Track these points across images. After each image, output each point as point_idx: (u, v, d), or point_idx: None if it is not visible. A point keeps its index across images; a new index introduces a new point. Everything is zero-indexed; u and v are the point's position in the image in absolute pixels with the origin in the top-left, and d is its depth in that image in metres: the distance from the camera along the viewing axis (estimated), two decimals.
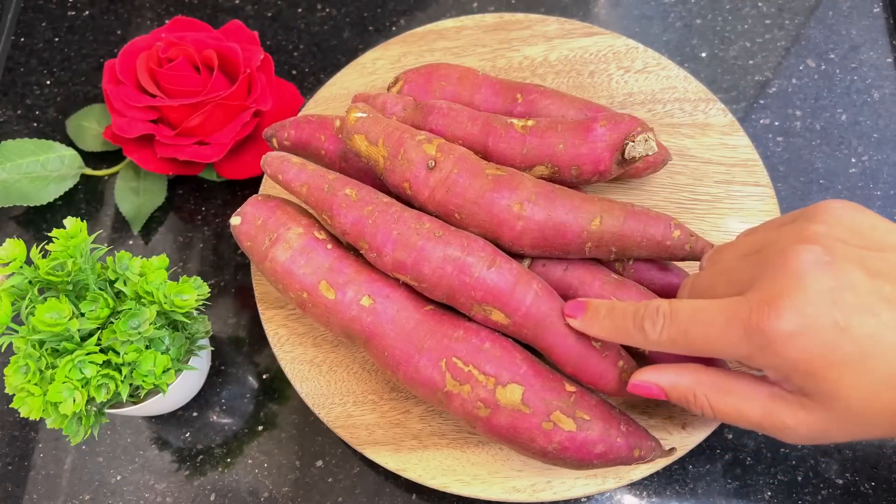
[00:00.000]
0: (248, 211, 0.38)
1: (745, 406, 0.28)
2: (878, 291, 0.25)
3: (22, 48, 0.56)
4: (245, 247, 0.38)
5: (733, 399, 0.29)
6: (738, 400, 0.29)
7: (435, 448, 0.39)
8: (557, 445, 0.33)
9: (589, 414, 0.34)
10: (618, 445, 0.34)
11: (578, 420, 0.33)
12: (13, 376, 0.34)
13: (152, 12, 0.57)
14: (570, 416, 0.33)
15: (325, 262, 0.37)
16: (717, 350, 0.27)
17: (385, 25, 0.56)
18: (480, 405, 0.34)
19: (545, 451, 0.33)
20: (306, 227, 0.38)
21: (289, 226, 0.38)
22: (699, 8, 0.56)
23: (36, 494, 0.42)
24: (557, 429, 0.33)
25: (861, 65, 0.53)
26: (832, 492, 0.41)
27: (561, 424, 0.33)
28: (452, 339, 0.35)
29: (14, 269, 0.34)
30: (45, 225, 0.50)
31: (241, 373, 0.45)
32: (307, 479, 0.42)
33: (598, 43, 0.50)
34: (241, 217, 0.39)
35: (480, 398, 0.34)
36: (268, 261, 0.37)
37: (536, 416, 0.33)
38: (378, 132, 0.38)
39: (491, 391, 0.34)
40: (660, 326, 0.29)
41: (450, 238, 0.35)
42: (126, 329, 0.34)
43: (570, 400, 0.34)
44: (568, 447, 0.33)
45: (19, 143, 0.49)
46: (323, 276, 0.36)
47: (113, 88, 0.47)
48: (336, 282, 0.36)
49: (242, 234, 0.38)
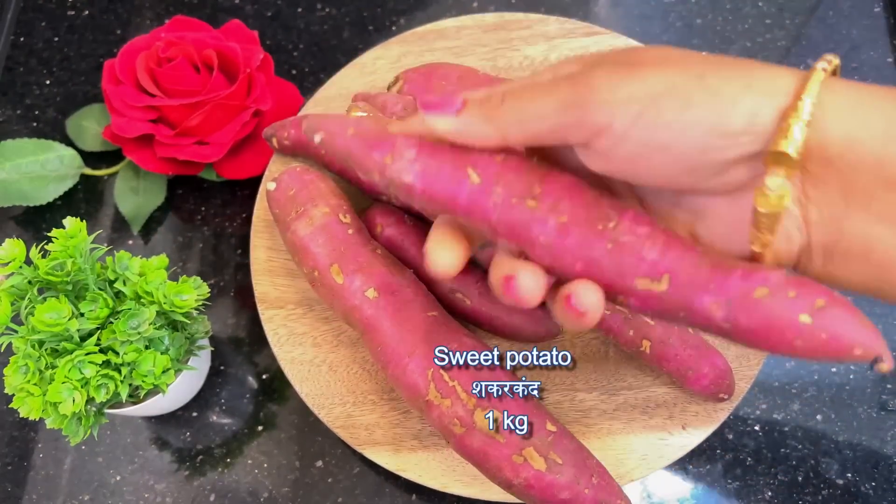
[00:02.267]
0: (284, 179, 0.40)
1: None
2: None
3: (21, 48, 0.56)
4: (273, 213, 0.40)
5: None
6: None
7: (435, 448, 0.39)
8: (523, 481, 0.32)
9: (562, 458, 0.32)
10: (584, 497, 0.32)
11: (550, 461, 0.32)
12: (13, 376, 0.34)
13: (152, 12, 0.57)
14: (542, 455, 0.32)
15: (342, 245, 0.38)
16: (550, 119, 0.23)
17: (385, 25, 0.56)
18: (456, 422, 0.33)
19: (510, 483, 0.33)
20: (333, 207, 0.39)
21: (317, 203, 0.39)
22: (699, 8, 0.56)
23: (35, 494, 0.42)
24: (527, 465, 0.32)
25: (862, 65, 0.53)
26: (833, 492, 0.41)
27: (531, 461, 0.32)
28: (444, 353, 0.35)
29: (14, 269, 0.34)
30: (44, 225, 0.50)
31: (240, 373, 0.45)
32: (307, 480, 0.42)
33: (598, 42, 0.50)
34: (276, 183, 0.40)
35: (458, 416, 0.33)
36: (289, 232, 0.39)
37: (508, 448, 0.32)
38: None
39: (470, 411, 0.33)
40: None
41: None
42: (125, 329, 0.34)
43: (548, 439, 0.33)
44: (533, 486, 0.32)
45: (19, 142, 0.49)
46: (336, 259, 0.37)
47: (112, 88, 0.47)
48: (347, 267, 0.37)
49: (273, 200, 0.40)
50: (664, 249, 0.23)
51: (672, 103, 0.22)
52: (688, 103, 0.22)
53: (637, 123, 0.22)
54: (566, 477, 0.32)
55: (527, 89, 0.24)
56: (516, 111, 0.24)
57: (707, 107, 0.22)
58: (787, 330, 0.21)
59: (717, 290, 0.22)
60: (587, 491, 0.32)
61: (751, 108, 0.22)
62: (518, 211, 0.24)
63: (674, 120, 0.22)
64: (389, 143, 0.25)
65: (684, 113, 0.22)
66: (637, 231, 0.23)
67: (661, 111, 0.22)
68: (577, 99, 0.22)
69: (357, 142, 0.26)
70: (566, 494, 0.32)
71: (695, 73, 0.22)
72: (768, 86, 0.22)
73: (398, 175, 0.25)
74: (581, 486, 0.32)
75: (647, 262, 0.23)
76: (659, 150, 0.22)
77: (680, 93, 0.22)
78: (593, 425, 0.40)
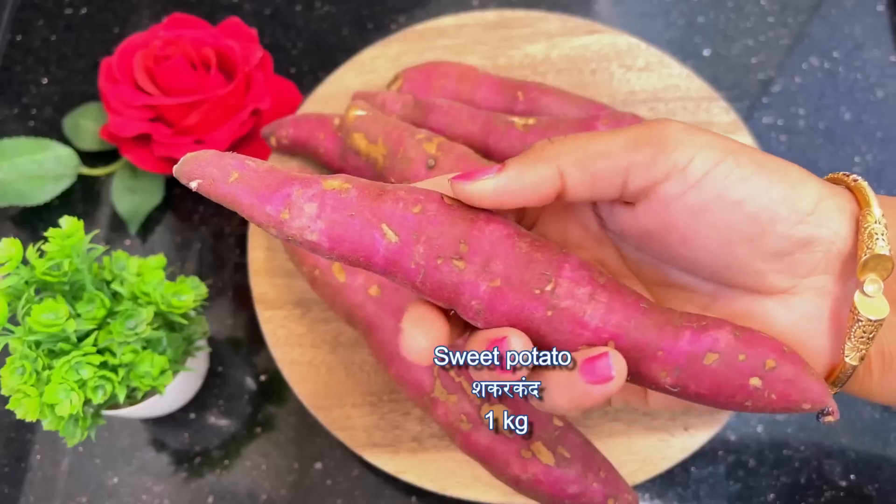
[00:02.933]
0: None
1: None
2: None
3: (19, 46, 0.55)
4: None
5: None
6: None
7: (434, 450, 0.39)
8: (531, 476, 0.32)
9: (570, 453, 0.32)
10: (593, 490, 0.32)
11: (559, 456, 0.32)
12: (9, 378, 0.33)
13: (149, 10, 0.57)
14: (551, 449, 0.32)
15: None
16: (618, 157, 0.22)
17: (384, 23, 0.55)
18: (463, 419, 0.33)
19: (518, 479, 0.32)
20: None
21: None
22: (701, 6, 0.55)
23: (33, 496, 0.42)
24: (535, 460, 0.32)
25: (865, 63, 0.53)
26: (836, 494, 0.41)
27: (540, 456, 0.32)
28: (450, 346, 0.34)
29: (10, 270, 0.34)
30: (41, 225, 0.49)
31: (239, 374, 0.45)
32: (306, 482, 0.42)
33: (599, 41, 0.50)
34: None
35: (465, 412, 0.33)
36: None
37: (517, 442, 0.32)
38: (377, 130, 0.38)
39: (477, 407, 0.33)
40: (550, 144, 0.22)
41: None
42: (123, 330, 0.34)
43: (555, 434, 0.33)
44: (542, 480, 0.32)
45: (16, 141, 0.48)
46: None
47: (110, 87, 0.46)
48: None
49: None
50: (607, 312, 0.21)
51: (749, 161, 0.21)
52: (762, 167, 0.21)
53: (715, 170, 0.21)
54: (575, 471, 0.32)
55: (584, 134, 0.22)
56: (577, 147, 0.22)
57: (780, 175, 0.21)
58: (738, 394, 0.21)
59: (666, 357, 0.21)
60: (595, 485, 0.32)
61: (818, 192, 0.21)
62: (445, 273, 0.21)
63: (752, 175, 0.21)
64: (284, 194, 0.21)
65: (760, 173, 0.21)
66: (576, 293, 0.21)
67: (740, 164, 0.21)
68: (652, 137, 0.21)
69: (243, 191, 0.21)
70: (575, 489, 0.32)
71: (758, 150, 0.22)
72: (822, 182, 0.22)
73: (300, 233, 0.21)
74: (589, 480, 0.32)
75: (589, 330, 0.21)
76: (730, 206, 0.21)
77: (754, 155, 0.21)
78: (595, 427, 0.39)
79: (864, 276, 0.21)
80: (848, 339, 0.21)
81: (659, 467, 0.38)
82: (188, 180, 0.22)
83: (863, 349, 0.21)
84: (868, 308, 0.21)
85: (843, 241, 0.22)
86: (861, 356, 0.22)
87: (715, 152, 0.21)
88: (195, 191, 0.22)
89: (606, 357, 0.21)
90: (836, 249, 0.22)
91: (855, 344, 0.21)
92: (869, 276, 0.21)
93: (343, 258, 0.22)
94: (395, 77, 0.45)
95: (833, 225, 0.21)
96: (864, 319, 0.21)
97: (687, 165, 0.21)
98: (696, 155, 0.21)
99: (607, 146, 0.21)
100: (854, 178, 0.22)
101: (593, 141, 0.22)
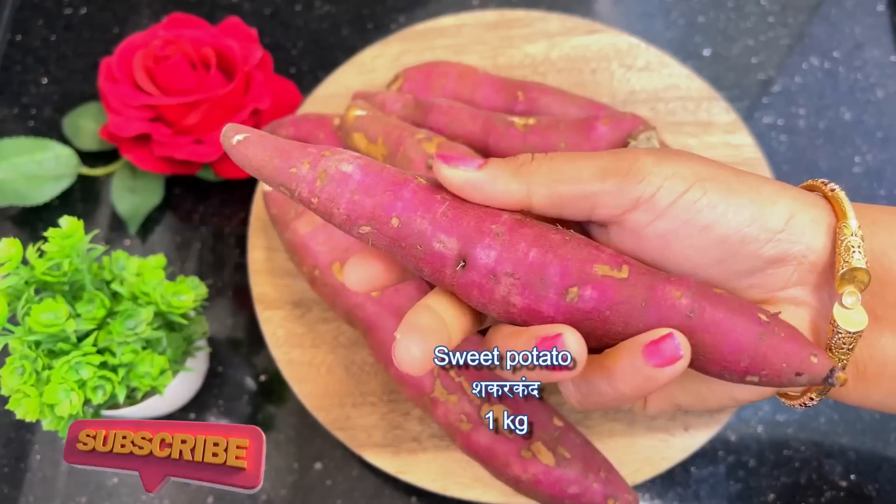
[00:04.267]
0: None
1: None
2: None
3: (18, 46, 0.55)
4: (271, 214, 0.40)
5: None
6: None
7: (434, 450, 0.39)
8: (532, 476, 0.32)
9: (571, 453, 0.33)
10: (593, 491, 0.32)
11: (559, 456, 0.32)
12: (9, 378, 0.33)
13: (149, 9, 0.57)
14: (551, 449, 0.32)
15: (343, 242, 0.37)
16: (585, 184, 0.22)
17: (384, 23, 0.55)
18: (463, 418, 0.33)
19: (518, 479, 0.32)
20: None
21: None
22: (702, 5, 0.55)
23: (32, 496, 0.42)
24: (535, 460, 0.32)
25: (865, 63, 0.53)
26: (836, 494, 0.41)
27: (540, 456, 0.32)
28: None
29: (10, 270, 0.34)
30: (41, 225, 0.49)
31: (238, 374, 0.45)
32: (305, 482, 0.42)
33: (599, 40, 0.50)
34: None
35: (465, 412, 0.33)
36: (289, 231, 0.38)
37: (517, 442, 0.32)
38: (377, 130, 0.38)
39: (477, 407, 0.33)
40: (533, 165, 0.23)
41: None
42: (123, 330, 0.34)
43: (555, 434, 0.33)
44: (542, 480, 0.32)
45: (15, 141, 0.48)
46: (338, 256, 0.37)
47: (109, 87, 0.46)
48: None
49: (271, 201, 0.40)
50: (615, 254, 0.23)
51: (717, 186, 0.21)
52: (730, 190, 0.21)
53: (682, 199, 0.21)
54: (575, 471, 0.32)
55: (562, 154, 0.23)
56: (549, 170, 0.22)
57: (749, 196, 0.21)
58: (751, 327, 0.20)
59: (679, 280, 0.21)
60: (596, 485, 0.32)
61: (789, 208, 0.22)
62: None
63: (719, 202, 0.21)
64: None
65: (728, 198, 0.21)
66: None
67: (707, 191, 0.21)
68: (621, 167, 0.22)
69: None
70: (575, 489, 0.32)
71: (731, 170, 0.22)
72: (798, 194, 0.22)
73: (336, 164, 0.23)
74: (589, 480, 0.32)
75: (605, 254, 0.22)
76: (698, 231, 0.22)
77: (723, 179, 0.22)
78: (595, 427, 0.39)
79: (842, 288, 0.21)
80: (828, 351, 0.22)
81: (659, 467, 0.38)
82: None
83: (844, 359, 0.22)
84: (847, 321, 0.21)
85: (817, 253, 0.22)
86: (843, 366, 0.22)
87: (680, 182, 0.21)
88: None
89: (672, 338, 0.20)
90: (808, 262, 0.22)
91: (836, 355, 0.22)
92: (847, 289, 0.21)
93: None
94: (395, 77, 0.45)
95: (806, 239, 0.22)
96: (844, 332, 0.21)
97: (653, 195, 0.21)
98: (662, 185, 0.21)
99: (577, 171, 0.22)
100: (831, 188, 0.23)
101: (567, 164, 0.22)
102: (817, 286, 0.22)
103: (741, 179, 0.22)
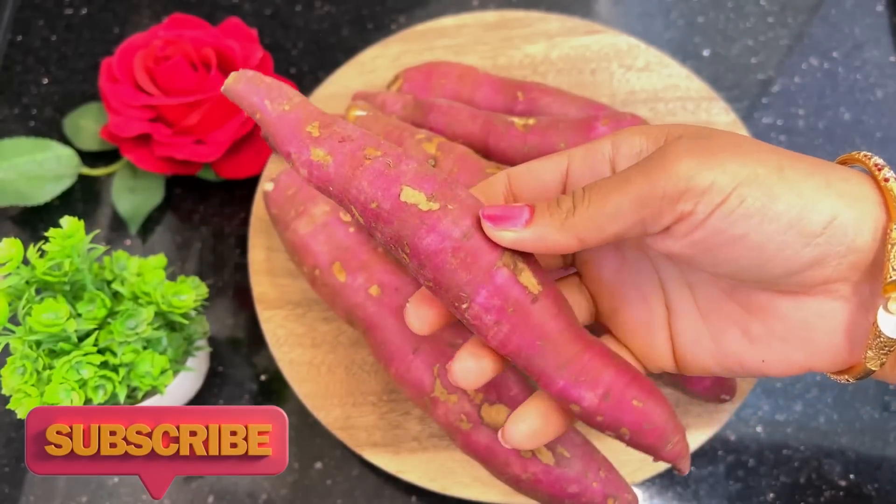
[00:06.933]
0: (282, 179, 0.40)
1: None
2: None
3: (19, 46, 0.55)
4: (271, 213, 0.40)
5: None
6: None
7: (435, 450, 0.39)
8: (531, 476, 0.32)
9: (570, 452, 0.33)
10: (593, 490, 0.32)
11: (558, 455, 0.32)
12: (10, 377, 0.33)
13: (150, 10, 0.57)
14: (551, 449, 0.32)
15: (344, 242, 0.37)
16: (627, 217, 0.23)
17: (384, 23, 0.55)
18: (463, 418, 0.33)
19: (518, 478, 0.32)
20: (333, 206, 0.39)
21: (316, 201, 0.38)
22: (701, 6, 0.55)
23: (33, 496, 0.42)
24: (535, 459, 0.32)
25: (864, 63, 0.53)
26: (835, 493, 0.41)
27: (539, 456, 0.32)
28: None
29: (11, 270, 0.34)
30: (41, 225, 0.49)
31: (239, 374, 0.45)
32: (306, 482, 0.42)
33: (599, 41, 0.50)
34: (273, 184, 0.40)
35: (465, 411, 0.33)
36: (289, 231, 0.38)
37: None
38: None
39: (477, 406, 0.33)
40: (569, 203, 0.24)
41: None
42: (123, 330, 0.34)
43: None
44: (542, 480, 0.32)
45: (16, 141, 0.48)
46: (338, 256, 0.37)
47: (110, 87, 0.46)
48: (349, 265, 0.37)
49: (271, 201, 0.40)
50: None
51: (756, 192, 0.21)
52: (770, 196, 0.21)
53: (718, 210, 0.21)
54: (575, 470, 0.32)
55: (598, 189, 0.23)
56: (592, 217, 0.23)
57: (788, 201, 0.21)
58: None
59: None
60: (595, 484, 0.32)
61: (832, 209, 0.21)
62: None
63: (755, 212, 0.21)
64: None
65: (766, 204, 0.21)
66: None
67: (743, 201, 0.21)
68: (654, 191, 0.22)
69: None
70: (575, 488, 0.32)
71: (774, 165, 0.22)
72: (845, 188, 0.22)
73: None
74: (589, 479, 0.32)
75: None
76: (735, 240, 0.22)
77: (762, 184, 0.21)
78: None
79: (888, 293, 0.21)
80: (869, 349, 0.22)
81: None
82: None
83: (884, 358, 0.22)
84: (891, 327, 0.21)
85: (859, 253, 0.22)
86: (881, 363, 0.22)
87: (717, 194, 0.21)
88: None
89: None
90: (848, 262, 0.22)
91: (876, 353, 0.22)
92: (893, 295, 0.21)
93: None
94: (395, 77, 0.45)
95: (847, 241, 0.21)
96: (886, 337, 0.21)
97: (692, 210, 0.22)
98: (700, 200, 0.22)
99: (617, 208, 0.23)
100: (885, 178, 0.22)
101: (606, 203, 0.23)
102: (857, 283, 0.22)
103: (783, 179, 0.22)
